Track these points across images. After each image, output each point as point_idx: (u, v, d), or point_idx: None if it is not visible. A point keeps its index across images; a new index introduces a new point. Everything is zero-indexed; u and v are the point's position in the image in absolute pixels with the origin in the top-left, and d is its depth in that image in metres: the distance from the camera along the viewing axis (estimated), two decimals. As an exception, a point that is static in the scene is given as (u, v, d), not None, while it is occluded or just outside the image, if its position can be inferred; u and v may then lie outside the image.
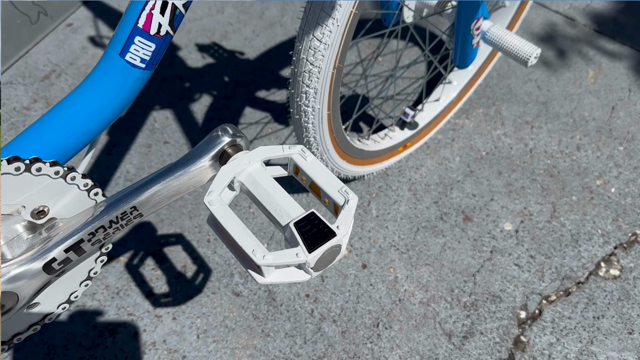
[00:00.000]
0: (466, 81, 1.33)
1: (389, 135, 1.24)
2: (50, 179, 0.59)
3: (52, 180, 0.60)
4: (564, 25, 1.61)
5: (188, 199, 1.25)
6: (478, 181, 1.30)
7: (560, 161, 1.34)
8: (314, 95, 0.88)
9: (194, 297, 1.12)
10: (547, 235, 1.22)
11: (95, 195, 0.64)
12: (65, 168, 0.60)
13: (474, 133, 1.38)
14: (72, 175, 0.61)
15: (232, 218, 0.59)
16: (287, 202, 0.62)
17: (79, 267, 0.70)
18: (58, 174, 0.60)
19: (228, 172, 0.63)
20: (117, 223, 0.62)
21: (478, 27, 0.97)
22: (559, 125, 1.40)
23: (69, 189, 0.62)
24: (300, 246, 0.57)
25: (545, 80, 1.49)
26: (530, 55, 0.99)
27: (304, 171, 0.64)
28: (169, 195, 0.65)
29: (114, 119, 0.67)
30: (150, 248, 1.18)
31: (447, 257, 1.19)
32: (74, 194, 0.62)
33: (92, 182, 0.63)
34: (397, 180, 1.30)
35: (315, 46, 0.82)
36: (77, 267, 0.70)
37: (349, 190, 0.62)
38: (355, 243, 1.20)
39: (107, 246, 0.71)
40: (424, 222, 1.24)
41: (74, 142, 0.65)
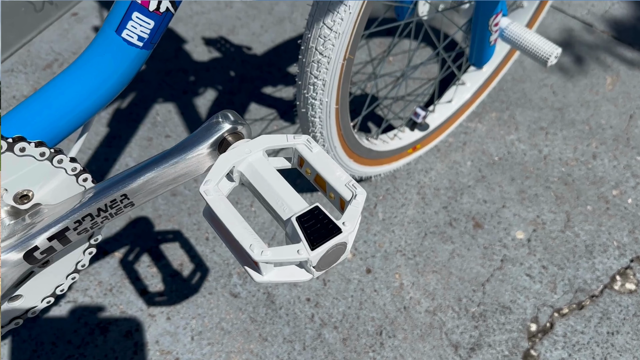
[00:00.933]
0: (480, 83, 1.29)
1: (398, 135, 1.19)
2: (35, 160, 0.55)
3: (37, 162, 0.55)
4: (582, 30, 1.56)
5: (188, 195, 1.20)
6: (490, 187, 1.25)
7: (575, 169, 1.29)
8: (322, 88, 0.83)
9: (189, 297, 1.07)
10: (561, 245, 1.17)
11: (84, 182, 0.60)
12: (51, 150, 0.56)
13: (487, 137, 1.33)
14: (60, 158, 0.56)
15: (229, 210, 0.55)
16: (289, 195, 0.57)
17: (65, 259, 0.66)
18: (44, 156, 0.55)
19: (227, 160, 0.58)
20: (106, 212, 0.58)
21: (497, 23, 0.93)
22: (574, 132, 1.35)
23: (55, 173, 0.57)
24: (302, 242, 0.52)
25: (561, 86, 1.44)
26: (551, 54, 0.95)
27: (309, 163, 0.60)
28: (162, 184, 0.60)
29: (108, 100, 0.63)
30: (146, 244, 1.13)
31: (455, 265, 1.14)
32: (61, 179, 0.58)
33: (81, 166, 0.59)
34: (405, 183, 1.25)
35: (325, 34, 0.78)
36: (63, 258, 0.66)
37: (357, 184, 0.57)
38: (360, 247, 1.15)
39: (97, 237, 0.67)
40: (432, 227, 1.19)
41: (64, 123, 0.61)
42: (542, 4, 1.24)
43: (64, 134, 0.61)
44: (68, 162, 0.57)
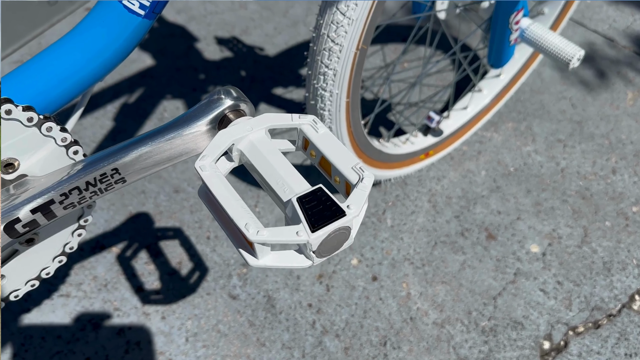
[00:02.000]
0: (497, 91, 1.24)
1: (410, 140, 1.15)
2: (21, 126, 0.51)
3: (24, 128, 0.52)
4: (603, 45, 1.52)
5: (190, 192, 1.17)
6: (504, 198, 1.20)
7: (593, 183, 1.24)
8: (333, 78, 0.80)
9: (186, 296, 1.03)
10: (577, 261, 1.12)
11: (74, 154, 0.56)
12: (40, 116, 0.52)
13: (502, 147, 1.29)
14: (49, 125, 0.53)
15: (225, 187, 0.51)
16: (291, 175, 0.53)
17: (52, 240, 0.62)
18: (32, 122, 0.52)
19: (226, 136, 0.54)
20: (95, 186, 0.54)
21: (517, 22, 0.89)
22: (593, 146, 1.31)
23: (43, 142, 0.54)
24: (303, 224, 0.48)
25: (580, 99, 1.40)
26: (573, 56, 0.90)
27: (314, 144, 0.56)
28: (156, 161, 0.56)
29: (105, 71, 0.60)
30: (145, 240, 1.09)
31: (466, 277, 1.09)
32: (50, 149, 0.54)
33: (72, 137, 0.55)
34: (416, 190, 1.21)
35: (338, 20, 0.74)
36: (50, 239, 0.62)
37: (364, 167, 0.53)
38: (367, 253, 1.11)
39: (86, 218, 0.63)
40: (443, 236, 1.14)
41: (58, 93, 0.57)
42: (563, 13, 1.20)
43: (58, 104, 0.58)
44: (58, 131, 0.54)
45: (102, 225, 1.11)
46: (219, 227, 1.12)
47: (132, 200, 1.15)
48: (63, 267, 1.05)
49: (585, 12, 1.61)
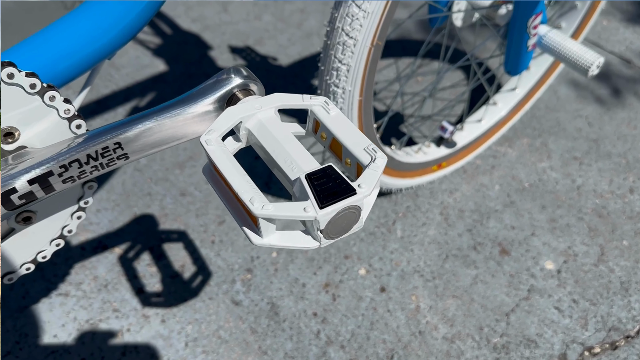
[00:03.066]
0: (512, 105, 1.22)
1: (423, 149, 1.13)
2: (24, 92, 0.50)
3: (26, 95, 0.50)
4: (620, 65, 1.50)
5: (197, 196, 1.14)
6: (518, 213, 1.17)
7: (610, 202, 1.20)
8: (346, 74, 0.78)
9: (188, 300, 1.00)
10: (593, 279, 1.07)
11: (77, 128, 0.55)
12: (44, 84, 0.51)
13: (517, 163, 1.26)
14: (52, 94, 0.51)
15: (231, 162, 0.48)
16: (301, 154, 0.51)
17: (50, 221, 0.60)
18: (34, 88, 0.50)
19: (234, 113, 0.52)
20: (97, 160, 0.52)
21: (536, 26, 0.87)
22: (610, 164, 1.27)
23: (46, 113, 0.52)
24: (311, 200, 0.46)
25: (597, 117, 1.37)
26: (592, 63, 0.88)
27: (325, 126, 0.53)
28: (160, 139, 0.54)
29: (114, 48, 0.58)
30: (149, 242, 1.07)
31: (478, 291, 1.05)
32: (52, 121, 0.53)
33: (75, 110, 0.54)
34: (427, 202, 1.18)
35: (354, 13, 0.73)
36: (47, 219, 0.60)
37: (377, 148, 0.50)
38: (375, 263, 1.07)
39: (87, 200, 0.61)
40: (455, 249, 1.10)
41: (64, 67, 0.56)
42: (580, 29, 1.18)
43: (63, 79, 0.57)
44: (61, 102, 0.52)
45: (105, 225, 1.09)
46: (225, 232, 1.09)
47: (137, 201, 1.13)
48: (63, 266, 1.02)
49: (601, 34, 1.60)
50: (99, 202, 1.12)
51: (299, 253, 1.07)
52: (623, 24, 1.61)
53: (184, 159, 1.21)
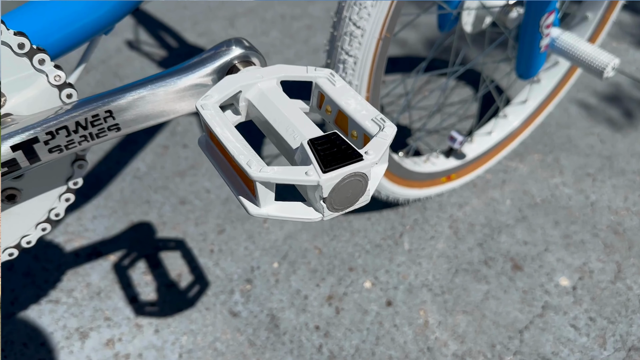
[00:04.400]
0: (522, 117, 1.19)
1: (431, 160, 1.09)
2: (11, 52, 0.47)
3: (13, 55, 0.47)
4: (630, 86, 1.48)
5: (197, 205, 1.11)
6: (531, 228, 1.12)
7: (626, 219, 1.15)
8: (353, 67, 0.75)
9: (183, 310, 0.95)
10: (611, 297, 1.02)
11: (67, 97, 0.51)
12: (33, 46, 0.48)
13: (529, 178, 1.22)
14: (41, 57, 0.48)
15: (227, 127, 0.45)
16: (304, 123, 0.48)
17: (36, 202, 0.56)
18: (23, 49, 0.47)
19: (234, 81, 0.49)
20: (86, 129, 0.49)
21: (548, 25, 0.85)
22: (624, 181, 1.23)
23: (34, 78, 0.49)
24: (313, 164, 0.42)
25: (609, 135, 1.33)
26: (607, 64, 0.85)
27: (330, 98, 0.50)
28: (154, 110, 0.51)
29: (109, 22, 0.56)
30: (145, 250, 1.03)
31: (489, 307, 0.99)
32: (41, 87, 0.50)
33: (66, 78, 0.51)
34: (436, 215, 1.13)
35: (361, 2, 0.71)
36: (33, 200, 0.56)
37: (386, 119, 0.47)
38: (381, 276, 1.02)
39: (76, 180, 0.57)
40: (465, 264, 1.06)
41: (58, 38, 0.53)
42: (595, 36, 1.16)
43: (57, 50, 0.54)
44: (52, 67, 0.49)
45: (101, 232, 1.05)
46: (225, 241, 1.05)
47: (135, 209, 1.09)
48: (55, 272, 0.98)
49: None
50: (95, 208, 1.09)
51: (301, 264, 1.03)
52: (633, 46, 1.59)
53: (185, 167, 1.18)
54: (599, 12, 1.11)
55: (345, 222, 1.11)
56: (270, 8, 1.65)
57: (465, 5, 0.90)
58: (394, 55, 1.52)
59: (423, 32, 1.58)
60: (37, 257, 1.00)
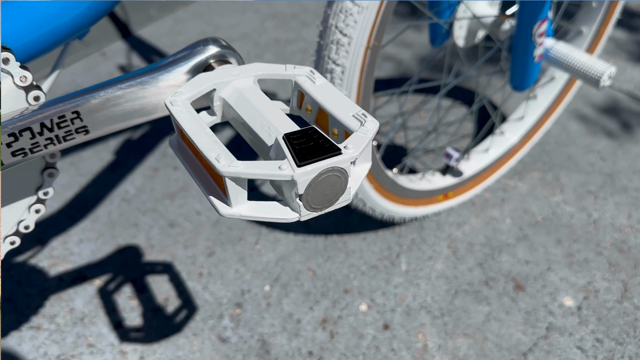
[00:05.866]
0: (520, 134, 1.17)
1: (427, 177, 1.06)
2: (-28, 51, 0.45)
3: (-26, 54, 0.45)
4: (629, 102, 1.46)
5: (186, 227, 1.07)
6: (532, 247, 1.08)
7: (630, 237, 1.12)
8: (341, 76, 0.73)
9: (170, 336, 0.91)
10: (618, 317, 0.97)
11: (35, 100, 0.49)
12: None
13: (528, 196, 1.19)
14: (5, 56, 0.46)
15: (197, 123, 0.42)
16: (280, 119, 0.45)
17: (4, 213, 0.53)
18: (-16, 47, 0.45)
19: (207, 78, 0.47)
20: (52, 131, 0.46)
21: (541, 34, 0.83)
22: (627, 199, 1.20)
23: (-2, 78, 0.47)
24: (287, 158, 0.39)
25: (609, 152, 1.31)
26: (603, 72, 0.83)
27: (310, 96, 0.48)
28: (125, 112, 0.48)
29: (84, 24, 0.54)
30: (131, 274, 0.99)
31: (491, 329, 0.95)
32: (5, 88, 0.47)
33: (33, 80, 0.48)
34: (433, 234, 1.10)
35: (347, 8, 0.69)
36: (1, 211, 0.53)
37: (368, 114, 0.44)
38: (377, 298, 0.98)
39: (46, 190, 0.54)
40: (465, 285, 1.01)
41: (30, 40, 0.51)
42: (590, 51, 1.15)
43: (33, 51, 0.52)
44: (17, 67, 0.47)
45: (87, 256, 1.01)
46: (214, 264, 1.01)
47: (122, 232, 1.06)
48: (37, 297, 0.94)
49: (609, 73, 1.56)
50: (82, 231, 1.05)
51: (294, 286, 0.99)
52: (630, 64, 1.58)
53: (176, 189, 1.15)
54: (593, 26, 1.09)
55: (340, 242, 1.07)
56: (264, 33, 1.65)
57: (456, 24, 0.88)
58: (388, 75, 1.50)
59: (417, 51, 1.57)
60: (20, 282, 0.97)
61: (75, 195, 1.12)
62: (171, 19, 1.67)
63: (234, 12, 1.73)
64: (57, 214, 1.08)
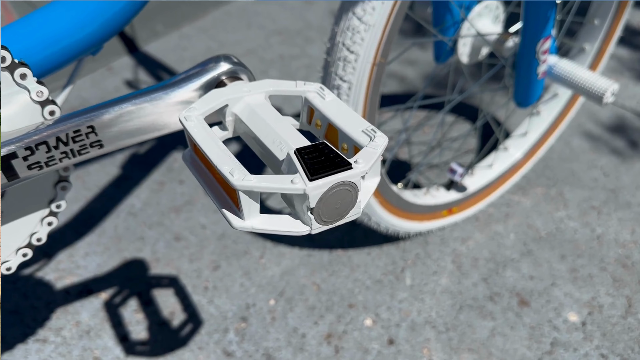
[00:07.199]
0: (524, 150, 1.18)
1: (431, 192, 1.07)
2: (-9, 67, 0.46)
3: (-7, 70, 0.46)
4: (633, 119, 1.47)
5: (192, 241, 1.08)
6: (537, 262, 1.09)
7: (634, 252, 1.12)
8: (347, 92, 0.74)
9: (175, 349, 0.91)
10: (623, 333, 0.97)
11: (50, 115, 0.50)
12: (15, 60, 0.47)
13: (532, 211, 1.19)
14: (23, 71, 0.47)
15: (211, 137, 0.43)
16: (292, 134, 0.46)
17: (16, 226, 0.54)
18: (4, 62, 0.46)
19: (220, 94, 0.48)
20: (67, 145, 0.47)
21: (545, 51, 0.84)
22: (631, 214, 1.20)
23: (15, 93, 0.48)
24: (299, 172, 0.40)
25: (612, 168, 1.31)
26: (606, 89, 0.84)
27: (320, 112, 0.49)
28: (138, 127, 0.49)
29: (98, 41, 0.55)
30: (137, 287, 0.99)
31: (496, 344, 0.95)
32: (22, 103, 0.48)
33: (49, 94, 0.49)
34: (438, 249, 1.10)
35: (355, 26, 0.70)
36: (14, 224, 0.54)
37: (377, 130, 0.45)
38: (382, 313, 0.98)
39: (58, 203, 0.55)
40: (470, 300, 1.02)
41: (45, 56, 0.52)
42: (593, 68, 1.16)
43: (48, 67, 0.53)
44: (34, 82, 0.48)
45: (93, 269, 1.02)
46: (220, 277, 1.02)
47: (128, 245, 1.06)
48: (44, 310, 0.95)
49: (611, 90, 1.57)
50: (88, 245, 1.06)
51: (299, 301, 0.99)
52: (633, 81, 1.59)
53: (181, 203, 1.15)
54: (595, 44, 1.10)
55: (345, 257, 1.07)
56: (269, 49, 1.66)
57: (460, 42, 0.90)
58: (393, 91, 1.52)
59: (421, 69, 1.58)
60: (26, 295, 0.97)
61: (81, 209, 1.13)
62: (177, 35, 1.69)
63: (239, 28, 1.76)
64: (64, 228, 1.09)
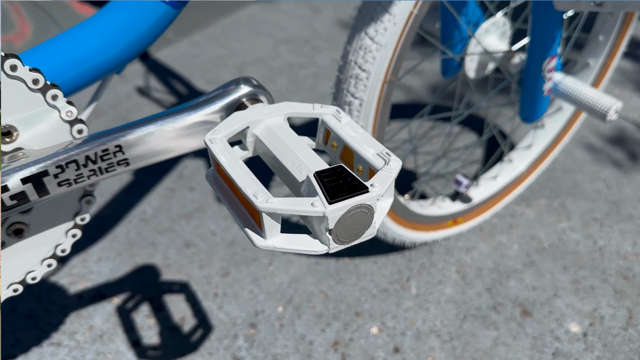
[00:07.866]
0: (528, 162, 1.20)
1: (437, 203, 1.09)
2: (25, 88, 0.48)
3: (28, 91, 0.48)
4: (635, 131, 1.49)
5: (202, 247, 1.10)
6: (539, 273, 1.11)
7: (635, 264, 1.14)
8: (359, 109, 0.77)
9: (186, 354, 0.93)
10: (623, 344, 0.99)
11: (78, 133, 0.52)
12: (47, 82, 0.49)
13: (535, 223, 1.21)
14: (54, 93, 0.49)
15: (235, 159, 0.46)
16: (310, 156, 0.48)
17: (42, 237, 0.56)
18: (37, 84, 0.48)
19: (242, 116, 0.50)
20: (95, 163, 0.49)
21: (551, 69, 0.86)
22: (632, 227, 1.22)
23: (46, 113, 0.50)
24: (319, 196, 0.42)
25: (615, 180, 1.34)
26: (610, 107, 0.86)
27: (336, 133, 0.51)
28: (163, 146, 0.52)
29: (124, 60, 0.57)
30: (148, 293, 1.02)
31: (499, 354, 0.97)
32: (52, 123, 0.51)
33: (78, 114, 0.52)
34: (443, 259, 1.12)
35: (367, 46, 0.73)
36: (40, 236, 0.56)
37: (391, 153, 0.47)
38: (388, 321, 1.01)
39: (83, 216, 0.58)
40: (473, 309, 1.04)
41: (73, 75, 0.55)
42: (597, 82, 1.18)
43: (71, 87, 0.55)
44: (64, 102, 0.50)
45: (105, 274, 1.04)
46: (229, 284, 1.04)
47: (140, 251, 1.09)
48: (58, 314, 0.97)
49: (614, 102, 1.60)
50: (101, 250, 1.08)
51: (306, 308, 1.01)
52: (635, 93, 1.61)
53: (192, 210, 1.18)
54: (600, 59, 1.13)
55: (352, 265, 1.10)
56: (277, 57, 1.69)
57: (468, 51, 0.92)
58: (399, 101, 1.54)
59: (427, 79, 1.61)
60: (40, 299, 0.99)
61: (94, 215, 1.16)
62: (187, 43, 1.72)
63: (248, 36, 1.78)
64: (77, 233, 1.11)
